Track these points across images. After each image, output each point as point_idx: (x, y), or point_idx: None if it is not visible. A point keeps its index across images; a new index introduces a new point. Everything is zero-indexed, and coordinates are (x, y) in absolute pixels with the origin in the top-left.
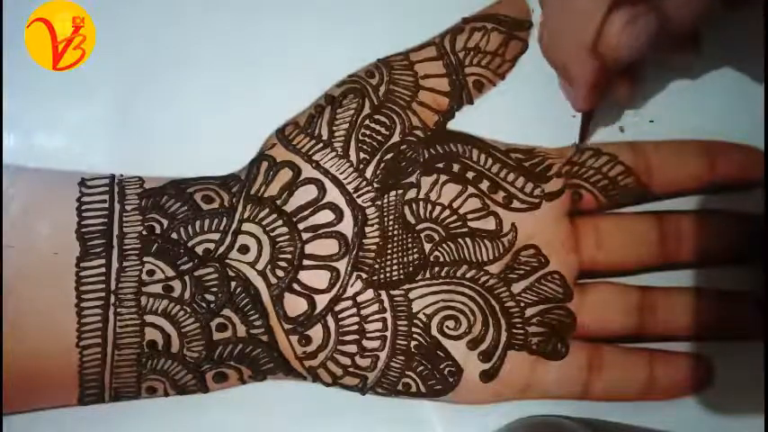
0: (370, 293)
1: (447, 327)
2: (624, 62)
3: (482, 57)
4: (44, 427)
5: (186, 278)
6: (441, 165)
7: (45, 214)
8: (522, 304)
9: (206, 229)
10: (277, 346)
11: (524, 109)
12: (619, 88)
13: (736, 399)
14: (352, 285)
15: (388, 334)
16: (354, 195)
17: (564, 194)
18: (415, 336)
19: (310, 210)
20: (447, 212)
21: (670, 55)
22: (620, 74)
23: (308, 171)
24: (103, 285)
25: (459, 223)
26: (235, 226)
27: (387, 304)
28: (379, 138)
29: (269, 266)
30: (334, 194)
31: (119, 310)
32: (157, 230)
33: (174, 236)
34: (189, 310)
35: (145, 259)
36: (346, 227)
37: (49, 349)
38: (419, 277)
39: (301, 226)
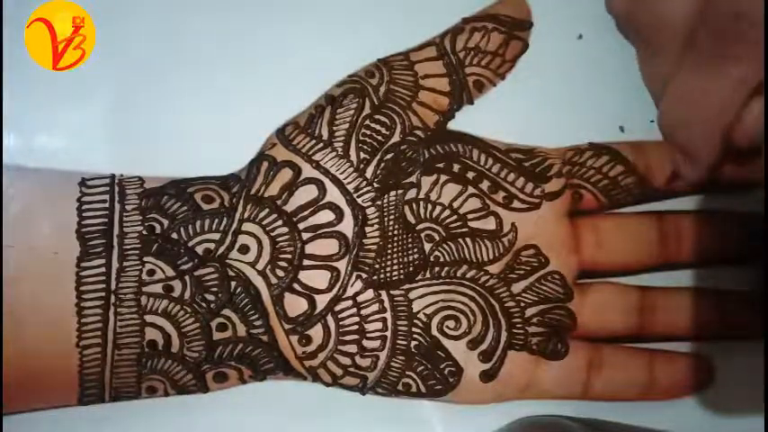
0: (370, 293)
1: (447, 327)
2: (754, 145)
3: (482, 57)
4: (44, 427)
5: (186, 278)
6: (441, 165)
7: (45, 214)
8: (523, 304)
9: (206, 229)
10: (277, 345)
11: (524, 109)
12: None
13: (736, 399)
14: (352, 285)
15: (389, 334)
16: (355, 195)
17: (564, 194)
18: (415, 336)
19: (310, 210)
20: (447, 212)
21: None
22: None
23: (308, 171)
24: (104, 285)
25: (459, 223)
26: (235, 226)
27: (387, 304)
28: (380, 138)
29: (269, 266)
30: (334, 194)
31: (119, 309)
32: (158, 230)
33: (175, 236)
34: (189, 309)
35: (145, 259)
36: (346, 227)
37: (49, 349)
38: (419, 277)
39: (301, 226)
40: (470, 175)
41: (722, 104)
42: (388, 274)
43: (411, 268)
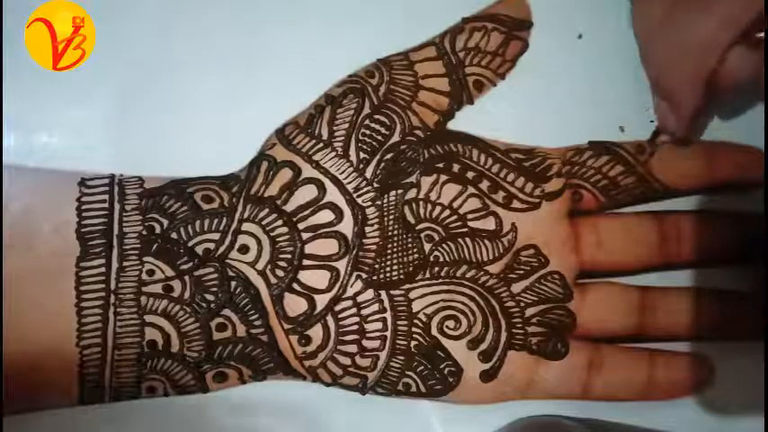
0: (370, 293)
1: (447, 327)
2: (737, 90)
3: (482, 57)
4: (44, 427)
5: (186, 278)
6: (441, 165)
7: (45, 214)
8: (522, 304)
9: (206, 229)
10: (277, 345)
11: (524, 109)
12: None
13: (736, 399)
14: (352, 285)
15: (388, 334)
16: (354, 195)
17: (564, 194)
18: (415, 336)
19: (310, 209)
20: (447, 212)
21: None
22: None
23: (308, 171)
24: (103, 285)
25: (459, 223)
26: (235, 226)
27: (387, 304)
28: (379, 138)
29: (269, 266)
30: (334, 194)
31: (119, 309)
32: (157, 230)
33: (174, 236)
34: (189, 309)
35: (145, 259)
36: (346, 227)
37: (49, 349)
38: (419, 277)
39: (301, 226)
40: (470, 175)
41: (707, 44)
42: (387, 274)
43: (411, 268)
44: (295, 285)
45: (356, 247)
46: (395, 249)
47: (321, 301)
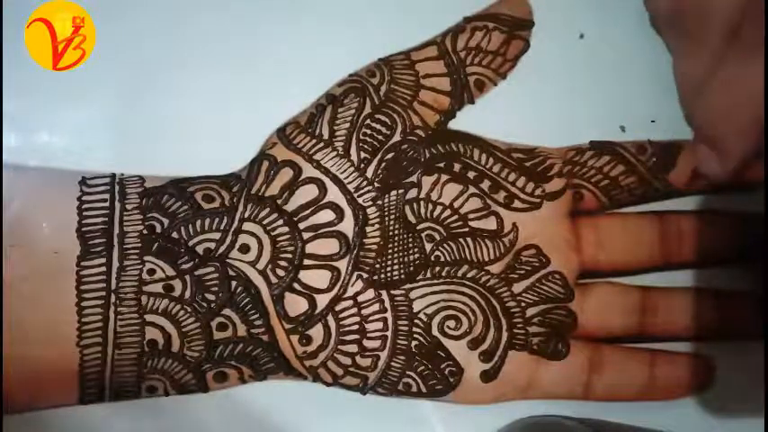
0: (370, 293)
1: (448, 327)
2: None
3: (483, 56)
4: (44, 427)
5: (187, 277)
6: (442, 164)
7: (45, 213)
8: (523, 304)
9: (206, 229)
10: (278, 345)
11: (525, 108)
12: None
13: (736, 399)
14: (352, 285)
15: (389, 334)
16: (355, 195)
17: (565, 194)
18: (415, 336)
19: (311, 209)
20: (448, 212)
21: None
22: None
23: (308, 170)
24: (104, 284)
25: (460, 223)
26: (235, 225)
27: (387, 304)
28: (380, 137)
29: (269, 266)
30: (334, 194)
31: (119, 309)
32: (158, 229)
33: (175, 235)
34: (189, 309)
35: (145, 258)
36: (347, 226)
37: (50, 349)
38: (420, 277)
39: (302, 225)
40: (471, 174)
41: (760, 94)
42: (388, 274)
43: (412, 268)
44: (296, 285)
45: (357, 246)
46: (396, 249)
47: (322, 300)
